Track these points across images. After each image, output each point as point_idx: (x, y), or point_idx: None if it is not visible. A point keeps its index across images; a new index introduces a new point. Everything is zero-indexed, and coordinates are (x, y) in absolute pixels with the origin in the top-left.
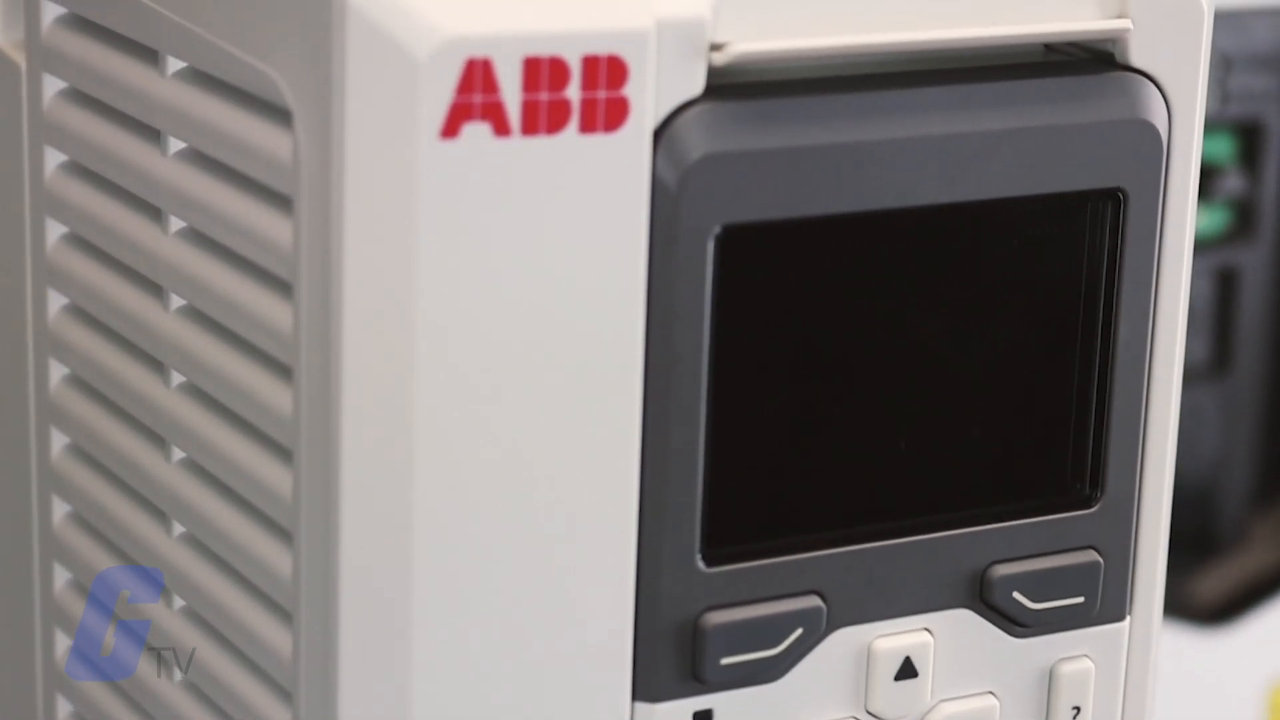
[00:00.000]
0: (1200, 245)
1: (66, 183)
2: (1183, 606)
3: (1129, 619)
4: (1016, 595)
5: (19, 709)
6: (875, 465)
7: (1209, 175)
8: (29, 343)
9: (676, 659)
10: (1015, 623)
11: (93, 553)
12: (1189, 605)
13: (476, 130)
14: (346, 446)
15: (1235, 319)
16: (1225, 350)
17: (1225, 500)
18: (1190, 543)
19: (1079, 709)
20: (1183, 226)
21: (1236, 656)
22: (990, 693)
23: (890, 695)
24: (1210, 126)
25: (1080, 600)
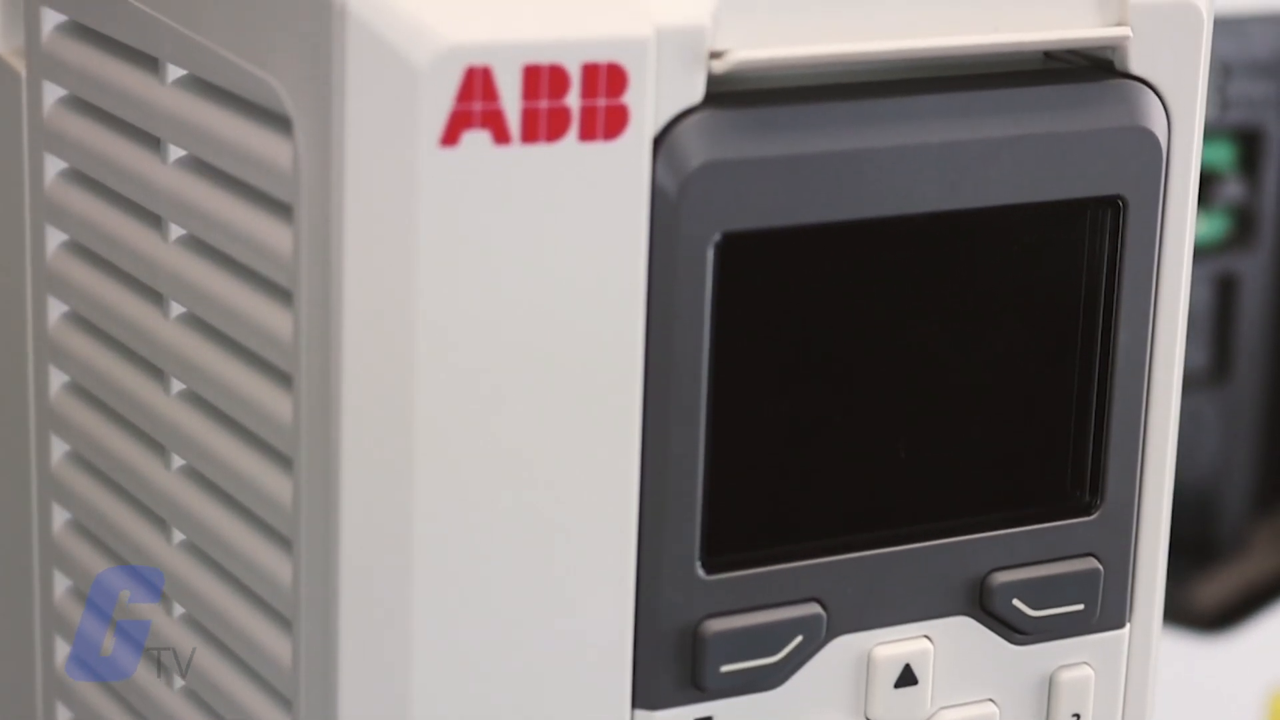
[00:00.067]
0: (1200, 252)
1: (66, 190)
2: (1183, 613)
3: (1129, 626)
4: (1016, 602)
5: (19, 716)
6: (875, 472)
7: (1209, 182)
8: (29, 350)
9: (676, 666)
10: (1015, 630)
11: (93, 560)
12: (1189, 612)
13: (476, 138)
14: (346, 454)
15: (1235, 326)
16: (1225, 357)
17: (1225, 507)
18: (1190, 549)
19: (1079, 716)
20: (1182, 233)
21: (1236, 663)
22: (990, 700)
23: (890, 703)
24: (1210, 133)
25: (1080, 607)
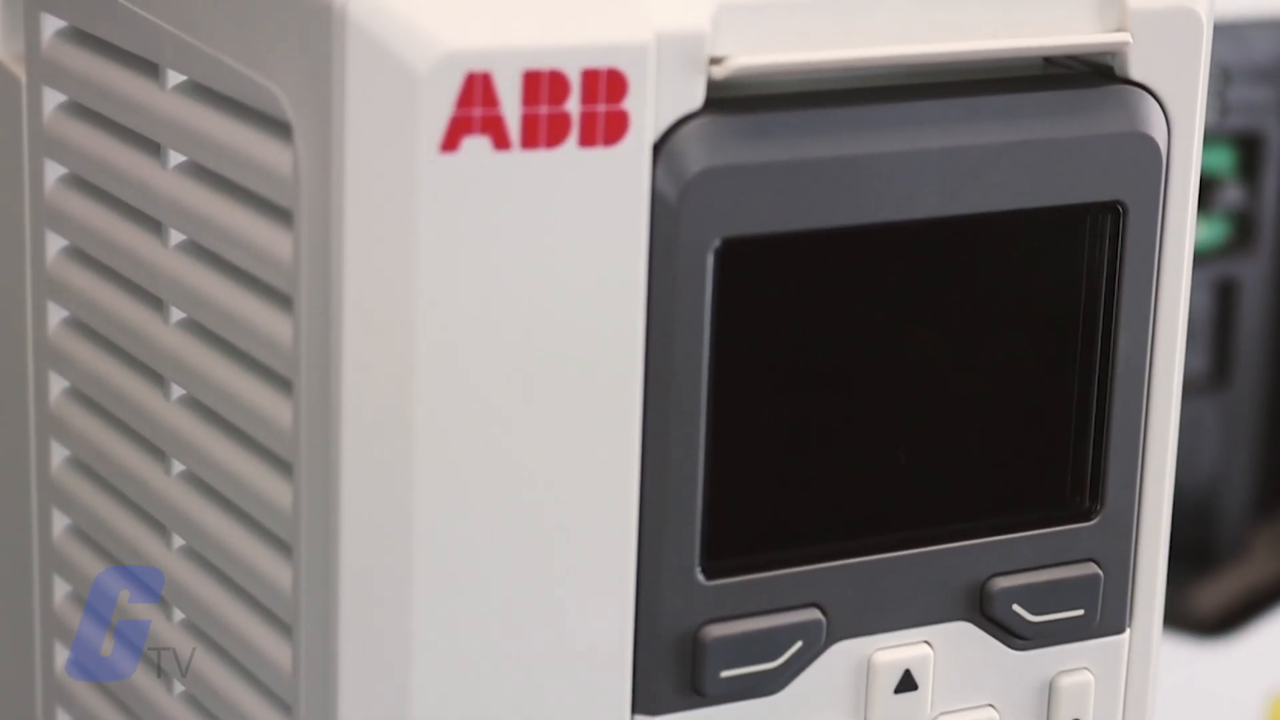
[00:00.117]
0: (1200, 257)
1: (67, 196)
2: (1183, 618)
3: (1129, 631)
4: (1016, 608)
5: None
6: (875, 478)
7: (1208, 187)
8: (29, 355)
9: (676, 672)
10: (1015, 635)
11: (93, 565)
12: (1189, 617)
13: (476, 144)
14: (346, 459)
15: (1235, 331)
16: (1225, 362)
17: (1225, 512)
18: (1190, 554)
19: None
20: (1182, 239)
21: (1236, 668)
22: (990, 705)
23: (890, 708)
24: (1210, 138)
25: (1080, 613)
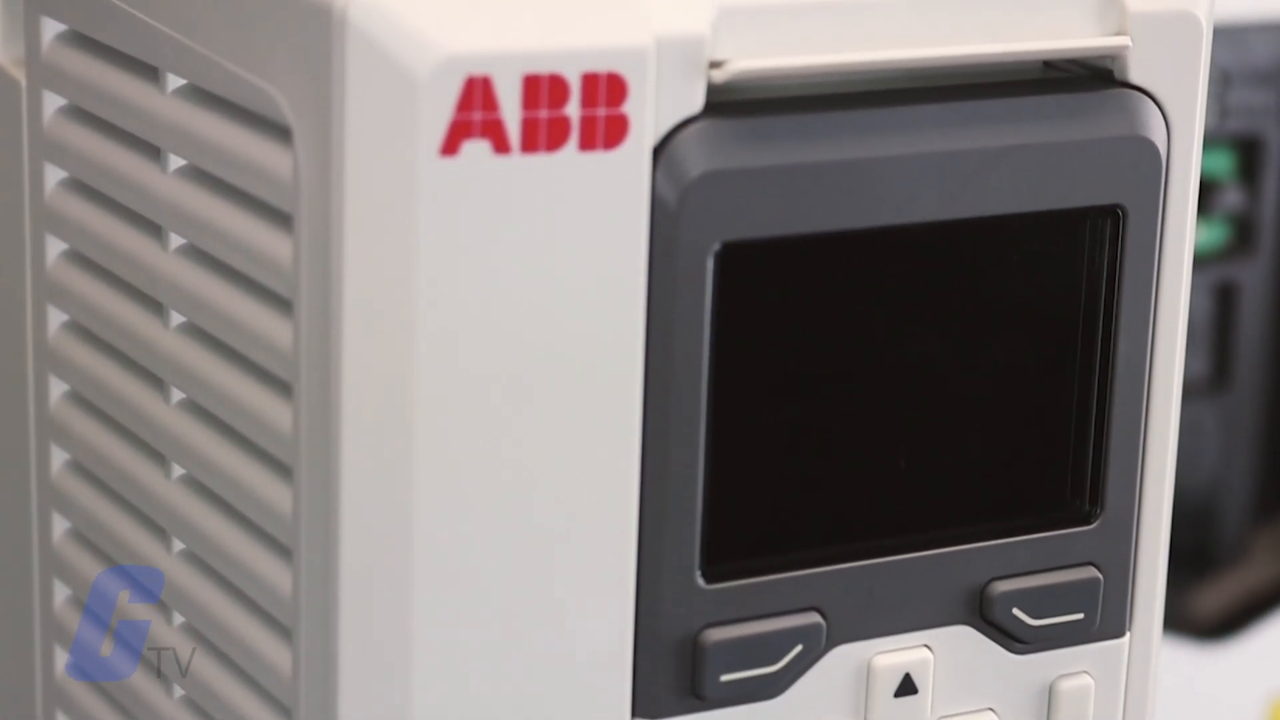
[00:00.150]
0: (1199, 260)
1: (67, 199)
2: (1183, 622)
3: (1129, 635)
4: (1016, 612)
5: None
6: (875, 481)
7: (1208, 190)
8: (29, 359)
9: (676, 675)
10: (1015, 639)
11: (92, 569)
12: (1189, 620)
13: (476, 148)
14: (346, 463)
15: (1235, 334)
16: (1225, 365)
17: (1225, 515)
18: (1190, 558)
19: None
20: (1182, 242)
21: (1236, 671)
22: (990, 709)
23: (890, 712)
24: (1209, 142)
25: (1080, 616)
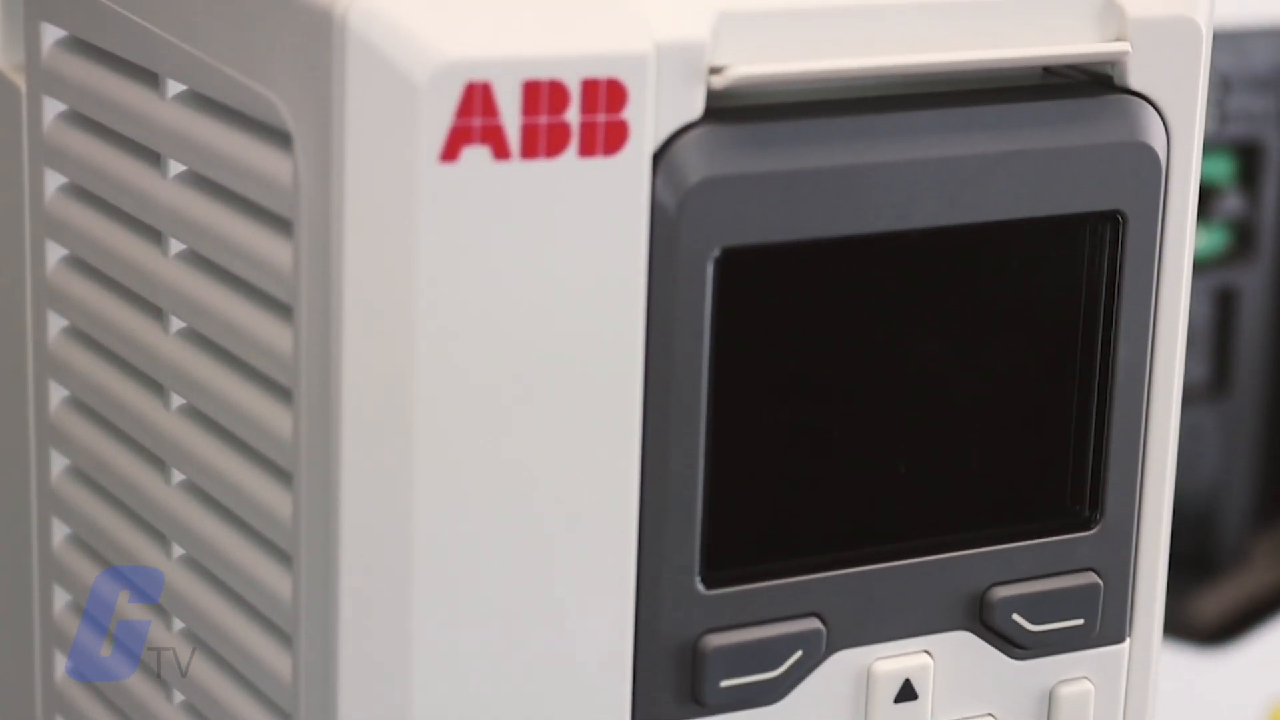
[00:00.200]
0: (1199, 266)
1: (67, 205)
2: (1183, 627)
3: (1129, 640)
4: (1016, 617)
5: None
6: (875, 487)
7: (1208, 196)
8: (29, 364)
9: (676, 681)
10: (1015, 645)
11: (92, 574)
12: (1189, 626)
13: (476, 153)
14: (346, 469)
15: (1234, 339)
16: (1225, 371)
17: (1225, 521)
18: (1190, 563)
19: None
20: (1181, 248)
21: (1237, 677)
22: (990, 715)
23: (890, 717)
24: (1209, 147)
25: (1080, 622)
